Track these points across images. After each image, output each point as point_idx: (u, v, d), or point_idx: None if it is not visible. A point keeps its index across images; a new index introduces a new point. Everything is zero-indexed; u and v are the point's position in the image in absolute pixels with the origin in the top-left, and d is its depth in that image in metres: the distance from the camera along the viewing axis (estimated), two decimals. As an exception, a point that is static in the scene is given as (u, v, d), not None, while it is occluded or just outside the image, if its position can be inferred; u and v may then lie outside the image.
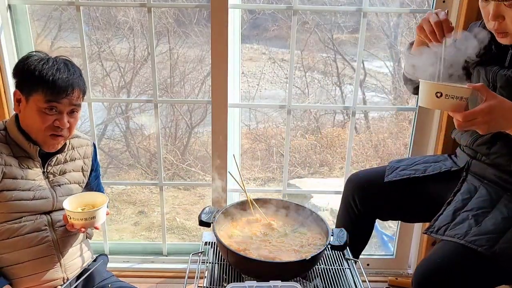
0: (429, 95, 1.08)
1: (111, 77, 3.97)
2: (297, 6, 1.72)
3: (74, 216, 1.21)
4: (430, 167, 1.46)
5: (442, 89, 1.06)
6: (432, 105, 1.10)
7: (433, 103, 1.09)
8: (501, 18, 1.13)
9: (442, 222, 1.25)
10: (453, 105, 1.06)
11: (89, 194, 1.33)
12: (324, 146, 4.30)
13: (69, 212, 1.21)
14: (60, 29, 3.83)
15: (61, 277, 1.27)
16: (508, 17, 1.12)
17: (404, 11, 4.21)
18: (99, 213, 1.24)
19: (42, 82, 1.16)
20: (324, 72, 4.30)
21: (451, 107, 1.06)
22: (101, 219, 1.26)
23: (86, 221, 1.22)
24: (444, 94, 1.05)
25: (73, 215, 1.21)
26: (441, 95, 1.06)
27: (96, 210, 1.23)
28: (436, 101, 1.07)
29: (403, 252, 2.07)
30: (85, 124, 3.58)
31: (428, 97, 1.09)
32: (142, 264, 2.06)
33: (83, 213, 1.22)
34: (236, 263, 1.21)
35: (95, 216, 1.23)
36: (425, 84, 1.10)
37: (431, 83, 1.09)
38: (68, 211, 1.21)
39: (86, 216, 1.21)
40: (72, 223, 1.22)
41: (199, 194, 4.00)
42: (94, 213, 1.22)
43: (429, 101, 1.09)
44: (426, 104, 1.11)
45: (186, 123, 4.19)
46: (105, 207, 1.26)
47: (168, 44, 3.90)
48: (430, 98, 1.08)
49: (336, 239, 1.24)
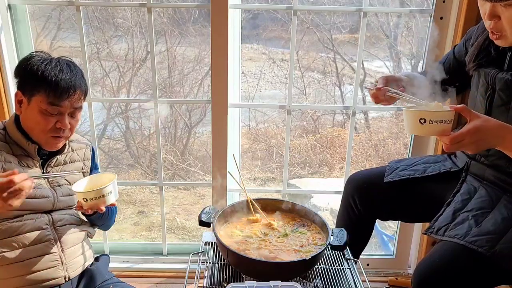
0: (413, 122, 1.08)
1: (110, 77, 3.97)
2: (297, 6, 1.72)
3: (84, 197, 1.18)
4: (429, 167, 1.47)
5: (424, 115, 1.06)
6: (417, 131, 1.10)
7: (418, 130, 1.09)
8: (497, 18, 1.13)
9: (442, 223, 1.25)
10: (438, 129, 1.06)
11: (96, 176, 1.31)
12: (324, 146, 4.30)
13: (77, 193, 1.19)
14: (59, 29, 3.83)
15: (62, 276, 1.27)
16: (504, 17, 1.12)
17: (404, 11, 4.22)
18: (106, 191, 1.20)
19: (45, 83, 1.17)
20: (323, 72, 4.30)
21: (436, 131, 1.07)
22: (111, 198, 1.22)
23: (94, 201, 1.19)
24: (428, 120, 1.06)
25: (81, 195, 1.19)
26: (424, 121, 1.06)
27: (102, 188, 1.19)
28: (421, 127, 1.07)
29: (403, 252, 2.07)
30: (84, 124, 3.59)
31: (413, 124, 1.09)
32: (142, 264, 2.06)
33: (89, 192, 1.18)
34: (236, 263, 1.21)
35: (103, 194, 1.19)
36: (407, 112, 1.10)
37: (413, 111, 1.09)
38: (77, 193, 1.20)
39: (93, 196, 1.18)
40: (81, 204, 1.20)
41: (199, 194, 4.00)
42: (100, 192, 1.19)
43: (414, 128, 1.09)
44: (412, 131, 1.12)
45: (185, 123, 4.19)
46: (111, 185, 1.22)
47: (165, 44, 3.90)
48: (414, 125, 1.08)
49: (336, 239, 1.24)
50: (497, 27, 1.15)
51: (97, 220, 1.37)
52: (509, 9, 1.09)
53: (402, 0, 3.57)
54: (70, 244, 1.29)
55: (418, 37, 3.84)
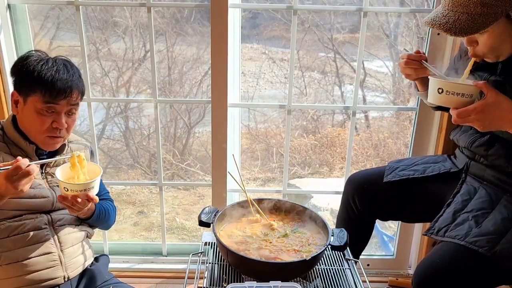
0: (433, 90, 1.12)
1: (110, 76, 3.97)
2: (297, 6, 1.71)
3: (65, 186, 1.13)
4: (429, 168, 1.46)
5: (443, 85, 1.10)
6: (435, 100, 1.13)
7: (436, 99, 1.13)
8: (475, 43, 1.17)
9: (442, 224, 1.25)
10: (454, 102, 1.09)
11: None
12: (324, 146, 4.30)
13: (64, 184, 1.13)
14: (59, 29, 3.82)
15: (61, 276, 1.27)
16: (480, 42, 1.15)
17: (404, 11, 4.21)
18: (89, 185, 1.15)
19: (41, 83, 1.16)
20: (323, 72, 4.30)
21: (452, 103, 1.09)
22: (92, 192, 1.16)
23: (75, 193, 1.13)
24: (445, 91, 1.09)
25: (63, 184, 1.13)
26: (442, 91, 1.09)
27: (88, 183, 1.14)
28: (439, 97, 1.11)
29: (403, 252, 2.07)
30: (84, 124, 3.58)
31: (432, 92, 1.13)
32: (142, 265, 2.05)
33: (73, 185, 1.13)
34: (236, 263, 1.21)
35: (86, 189, 1.14)
36: (431, 80, 1.14)
37: (435, 79, 1.12)
38: (63, 182, 1.13)
39: (75, 188, 1.13)
40: (65, 194, 1.14)
41: (199, 194, 4.00)
42: (84, 186, 1.13)
43: (433, 96, 1.13)
44: (430, 99, 1.15)
45: (184, 123, 4.18)
46: (96, 181, 1.17)
47: (164, 43, 3.90)
48: (433, 93, 1.12)
49: (336, 239, 1.24)
50: (476, 51, 1.18)
51: (94, 222, 1.36)
52: (483, 35, 1.13)
53: (402, 0, 3.56)
54: (69, 244, 1.29)
55: (418, 37, 3.84)
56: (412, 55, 1.34)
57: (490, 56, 1.18)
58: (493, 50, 1.16)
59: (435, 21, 1.14)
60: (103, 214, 1.36)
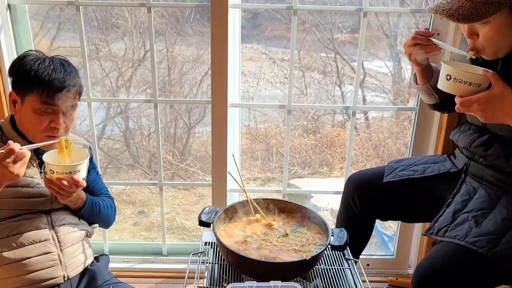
0: (442, 76, 1.13)
1: (110, 76, 3.97)
2: (297, 6, 1.71)
3: (51, 168, 1.13)
4: (429, 168, 1.47)
5: (450, 72, 1.10)
6: (443, 86, 1.14)
7: (444, 85, 1.13)
8: (476, 35, 1.16)
9: (442, 224, 1.25)
10: (461, 90, 1.09)
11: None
12: (324, 146, 4.30)
13: (50, 166, 1.14)
14: (59, 29, 3.82)
15: (61, 275, 1.27)
16: (481, 34, 1.15)
17: (404, 11, 4.21)
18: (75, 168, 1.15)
19: (37, 82, 1.16)
20: (323, 72, 4.30)
21: (459, 91, 1.09)
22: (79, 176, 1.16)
23: (61, 175, 1.13)
24: (452, 78, 1.09)
25: (49, 167, 1.14)
26: (450, 78, 1.10)
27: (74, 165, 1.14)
28: (447, 83, 1.11)
29: (403, 252, 2.07)
30: (84, 124, 3.58)
31: (442, 78, 1.13)
32: (142, 264, 2.06)
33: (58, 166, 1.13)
34: (236, 263, 1.21)
35: (71, 171, 1.14)
36: (442, 65, 1.13)
37: (445, 66, 1.12)
38: (49, 164, 1.14)
39: (61, 170, 1.13)
40: (51, 177, 1.14)
41: (199, 194, 4.00)
42: (70, 168, 1.13)
43: (442, 82, 1.13)
44: (440, 85, 1.15)
45: (184, 123, 4.18)
46: (82, 164, 1.17)
47: (164, 44, 3.90)
48: (443, 79, 1.13)
49: (336, 239, 1.24)
50: (476, 45, 1.18)
51: (87, 215, 1.34)
52: (485, 26, 1.12)
53: (402, 0, 3.56)
54: (69, 243, 1.29)
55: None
56: (421, 31, 1.31)
57: (489, 51, 1.18)
58: (493, 44, 1.15)
59: (438, 7, 1.15)
60: (96, 206, 1.35)
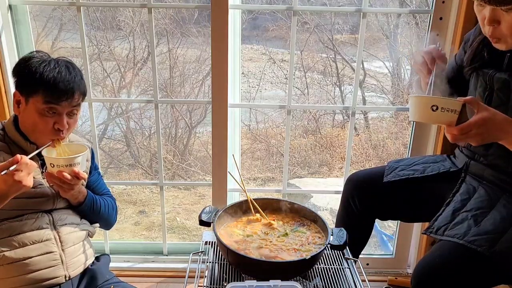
0: (423, 108, 1.08)
1: (111, 77, 3.98)
2: (297, 7, 1.72)
3: (51, 162, 1.16)
4: (429, 167, 1.47)
5: (437, 102, 1.06)
6: (426, 118, 1.10)
7: (427, 117, 1.09)
8: (497, 23, 1.12)
9: (441, 222, 1.25)
10: (447, 119, 1.06)
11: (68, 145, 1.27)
12: (324, 146, 4.31)
13: (50, 160, 1.16)
14: (61, 29, 3.83)
15: (62, 275, 1.27)
16: (504, 21, 1.11)
17: (404, 12, 4.22)
18: (75, 161, 1.17)
19: (42, 84, 1.16)
20: (323, 73, 4.31)
21: (445, 121, 1.07)
22: (78, 168, 1.18)
23: (61, 168, 1.16)
24: (440, 108, 1.06)
25: (49, 160, 1.16)
26: (437, 109, 1.06)
27: (72, 158, 1.16)
28: (431, 114, 1.07)
29: (402, 251, 2.08)
30: (85, 125, 3.59)
31: (423, 111, 1.09)
32: (143, 264, 2.06)
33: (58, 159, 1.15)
34: (236, 262, 1.22)
35: (71, 164, 1.16)
36: (420, 98, 1.10)
37: (426, 97, 1.10)
38: (48, 158, 1.16)
39: (61, 163, 1.15)
40: (51, 171, 1.16)
41: (199, 194, 4.01)
42: (69, 161, 1.15)
43: (424, 115, 1.09)
44: (421, 118, 1.11)
45: (185, 123, 4.19)
46: (81, 157, 1.19)
47: (167, 45, 3.91)
48: (424, 111, 1.08)
49: (336, 238, 1.25)
50: (496, 32, 1.14)
51: (88, 212, 1.35)
52: (510, 13, 1.08)
53: (402, 0, 3.57)
54: (70, 243, 1.29)
55: (417, 37, 3.84)
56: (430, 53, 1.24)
57: (508, 41, 1.14)
58: None
59: None
60: (97, 203, 1.35)
